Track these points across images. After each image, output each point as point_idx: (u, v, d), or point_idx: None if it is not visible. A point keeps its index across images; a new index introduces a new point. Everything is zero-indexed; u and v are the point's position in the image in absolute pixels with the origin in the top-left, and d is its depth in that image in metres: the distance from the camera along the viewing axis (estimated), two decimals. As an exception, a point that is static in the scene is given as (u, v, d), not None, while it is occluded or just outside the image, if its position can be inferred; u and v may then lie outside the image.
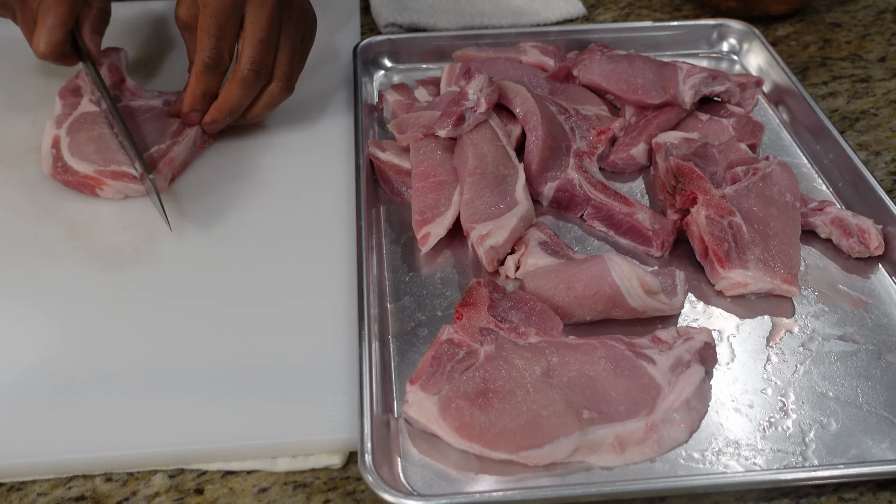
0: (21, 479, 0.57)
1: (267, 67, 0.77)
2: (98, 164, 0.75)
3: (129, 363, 0.62)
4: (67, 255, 0.71)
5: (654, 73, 0.84)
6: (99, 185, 0.75)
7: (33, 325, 0.65)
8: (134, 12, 1.03)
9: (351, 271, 0.69)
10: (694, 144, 0.76)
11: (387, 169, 0.78)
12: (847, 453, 0.57)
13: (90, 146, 0.77)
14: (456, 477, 0.55)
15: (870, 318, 0.66)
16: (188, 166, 0.80)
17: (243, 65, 0.76)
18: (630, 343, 0.60)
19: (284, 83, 0.79)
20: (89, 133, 0.78)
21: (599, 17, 1.07)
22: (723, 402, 0.60)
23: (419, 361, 0.60)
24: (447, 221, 0.72)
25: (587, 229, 0.75)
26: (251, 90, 0.78)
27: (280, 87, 0.79)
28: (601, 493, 0.54)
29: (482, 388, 0.57)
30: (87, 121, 0.79)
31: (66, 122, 0.79)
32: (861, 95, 0.93)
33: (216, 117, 0.79)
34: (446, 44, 0.97)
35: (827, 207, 0.73)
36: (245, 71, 0.76)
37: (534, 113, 0.78)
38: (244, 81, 0.76)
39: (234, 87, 0.77)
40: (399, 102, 0.86)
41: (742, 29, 0.97)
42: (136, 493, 0.56)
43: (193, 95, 0.78)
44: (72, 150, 0.76)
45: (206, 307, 0.67)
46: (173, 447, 0.57)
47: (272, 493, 0.56)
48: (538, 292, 0.65)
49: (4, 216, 0.75)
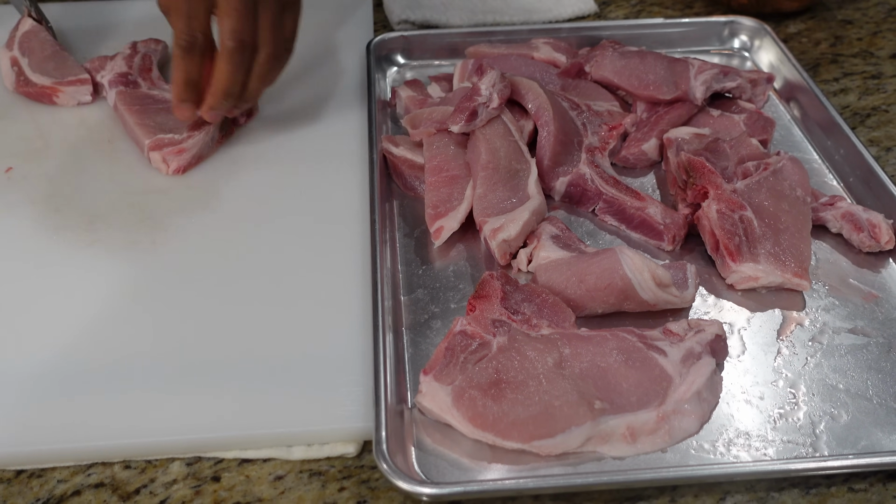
0: (41, 465, 0.58)
1: (249, 35, 0.73)
2: (56, 77, 0.88)
3: (148, 354, 0.63)
4: (86, 248, 0.72)
5: (665, 70, 0.85)
6: (55, 93, 0.88)
7: (53, 316, 0.66)
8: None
9: (365, 264, 0.70)
10: (705, 140, 0.77)
11: (400, 164, 0.79)
12: (857, 444, 0.57)
13: (49, 63, 0.89)
14: (468, 466, 0.56)
15: (880, 312, 0.67)
16: (203, 160, 0.81)
17: (224, 38, 0.73)
18: (642, 335, 0.61)
19: (272, 48, 0.75)
20: (43, 53, 0.90)
21: (611, 14, 1.08)
22: (734, 394, 0.60)
23: (432, 353, 0.61)
24: (460, 215, 0.72)
25: (599, 223, 0.76)
26: (238, 63, 0.74)
27: (268, 54, 0.75)
28: (612, 483, 0.55)
29: (495, 378, 0.58)
30: (36, 38, 0.92)
31: (14, 42, 0.91)
32: (872, 92, 0.94)
33: (212, 103, 0.76)
34: (459, 40, 0.97)
35: (838, 202, 0.73)
36: (227, 43, 0.73)
37: (546, 109, 0.79)
38: (229, 55, 0.73)
39: (222, 64, 0.74)
40: (412, 98, 0.87)
41: (753, 26, 0.97)
42: (154, 481, 0.57)
43: (177, 84, 0.76)
44: (32, 68, 0.89)
45: (224, 298, 0.68)
46: (191, 435, 0.58)
47: (288, 480, 0.57)
48: (550, 285, 0.66)
49: (24, 211, 0.76)
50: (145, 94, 0.85)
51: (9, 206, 0.77)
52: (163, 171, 0.80)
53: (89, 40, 0.98)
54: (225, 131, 0.83)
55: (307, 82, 0.92)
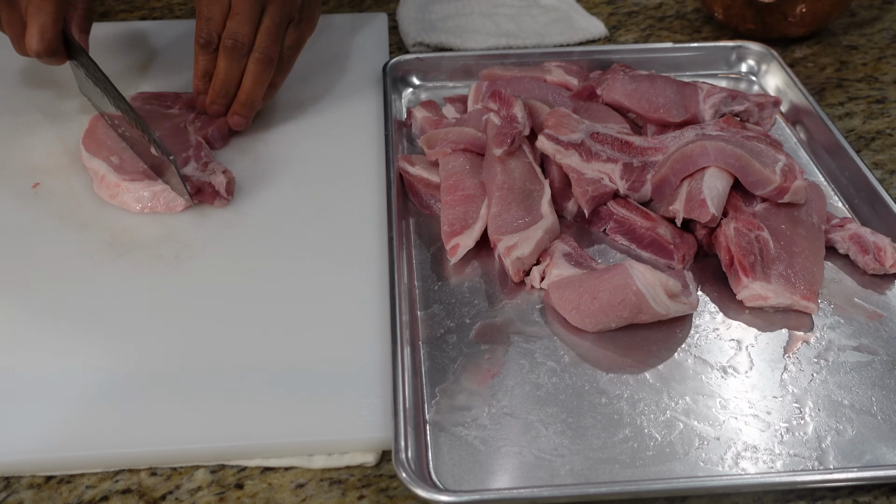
0: (71, 472, 0.60)
1: (244, 38, 0.82)
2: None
3: (173, 365, 0.65)
4: (111, 262, 0.74)
5: (675, 93, 0.87)
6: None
7: (81, 328, 0.68)
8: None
9: (383, 280, 0.72)
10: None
11: (416, 182, 0.81)
12: (862, 458, 0.59)
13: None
14: (484, 475, 0.58)
15: (884, 331, 0.68)
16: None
17: (224, 37, 0.82)
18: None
19: (261, 52, 0.83)
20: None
21: (621, 38, 1.10)
22: (742, 408, 0.62)
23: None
24: (475, 233, 0.74)
25: (610, 242, 0.77)
26: (235, 61, 0.83)
27: (256, 58, 0.83)
28: (624, 492, 0.56)
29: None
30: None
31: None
32: (877, 116, 0.96)
33: (213, 97, 0.85)
34: (473, 63, 0.99)
35: (847, 224, 0.75)
36: (225, 42, 0.82)
37: (559, 130, 0.81)
38: (225, 52, 0.83)
39: (221, 62, 0.83)
40: (427, 119, 0.89)
41: (760, 50, 1.00)
42: (180, 487, 0.59)
43: (196, 76, 0.86)
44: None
45: (247, 312, 0.70)
46: (215, 444, 0.60)
47: (309, 488, 0.59)
48: (563, 302, 0.68)
49: (51, 226, 0.78)
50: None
51: (36, 221, 0.79)
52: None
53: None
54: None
55: (325, 102, 0.94)
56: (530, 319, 0.69)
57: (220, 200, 0.79)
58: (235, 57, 0.83)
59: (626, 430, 0.61)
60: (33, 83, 0.98)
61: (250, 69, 0.84)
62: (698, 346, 0.67)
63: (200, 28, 0.83)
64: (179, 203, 0.79)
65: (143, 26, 1.10)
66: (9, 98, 0.95)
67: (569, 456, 0.59)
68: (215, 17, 0.82)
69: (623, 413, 0.62)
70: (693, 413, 0.62)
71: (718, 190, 0.73)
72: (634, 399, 0.63)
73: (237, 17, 0.82)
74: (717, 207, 0.72)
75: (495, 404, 0.63)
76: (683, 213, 0.73)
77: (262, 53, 0.83)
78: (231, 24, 0.82)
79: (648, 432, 0.60)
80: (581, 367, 0.65)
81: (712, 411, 0.62)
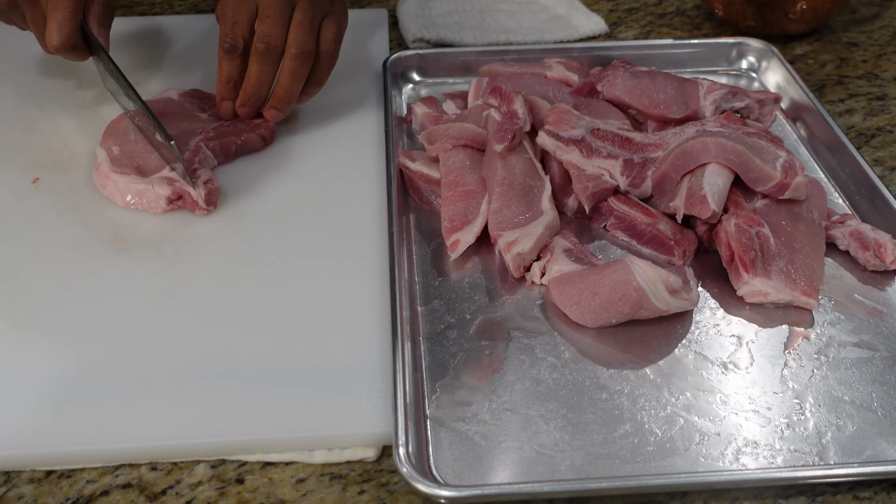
0: (71, 466, 0.60)
1: (277, 40, 0.80)
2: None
3: (174, 360, 0.65)
4: (112, 257, 0.74)
5: (675, 89, 0.87)
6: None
7: (82, 323, 0.68)
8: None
9: (383, 275, 0.72)
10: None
11: (416, 178, 0.81)
12: (862, 454, 0.59)
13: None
14: (485, 471, 0.58)
15: (885, 327, 0.68)
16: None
17: (255, 42, 0.81)
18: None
19: (298, 48, 0.81)
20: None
21: (621, 35, 1.10)
22: (742, 404, 0.62)
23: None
24: (476, 229, 0.74)
25: (610, 238, 0.77)
26: (267, 65, 0.81)
27: (292, 53, 0.81)
28: (624, 487, 0.57)
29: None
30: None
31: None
32: (877, 113, 0.96)
33: (244, 100, 0.84)
34: (473, 59, 1.00)
35: (848, 220, 0.75)
36: (256, 45, 0.80)
37: (559, 126, 0.81)
38: (257, 56, 0.81)
39: (253, 66, 0.82)
40: (427, 115, 0.89)
41: (761, 47, 1.00)
42: (180, 482, 0.59)
43: (220, 82, 0.84)
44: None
45: (247, 307, 0.70)
46: (216, 438, 0.60)
47: (309, 483, 0.59)
48: (564, 298, 0.68)
49: (50, 221, 0.78)
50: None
51: (36, 216, 0.79)
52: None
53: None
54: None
55: (325, 98, 0.94)
56: (531, 315, 0.70)
57: (199, 210, 0.78)
58: (268, 61, 0.81)
59: (627, 426, 0.61)
60: (32, 79, 0.97)
61: (286, 65, 0.82)
62: (699, 342, 0.67)
63: (226, 33, 0.81)
64: (160, 204, 0.78)
65: (143, 22, 1.10)
66: (8, 94, 0.95)
67: (569, 451, 0.59)
68: (241, 21, 0.81)
69: (623, 409, 0.62)
70: (693, 409, 0.62)
71: (719, 186, 0.73)
72: (635, 395, 0.63)
73: (268, 19, 0.80)
74: (718, 204, 0.72)
75: (496, 399, 0.63)
76: (684, 209, 0.73)
77: (298, 48, 0.81)
78: (262, 27, 0.80)
79: (649, 428, 0.60)
80: (581, 362, 0.65)
81: (713, 407, 0.62)
